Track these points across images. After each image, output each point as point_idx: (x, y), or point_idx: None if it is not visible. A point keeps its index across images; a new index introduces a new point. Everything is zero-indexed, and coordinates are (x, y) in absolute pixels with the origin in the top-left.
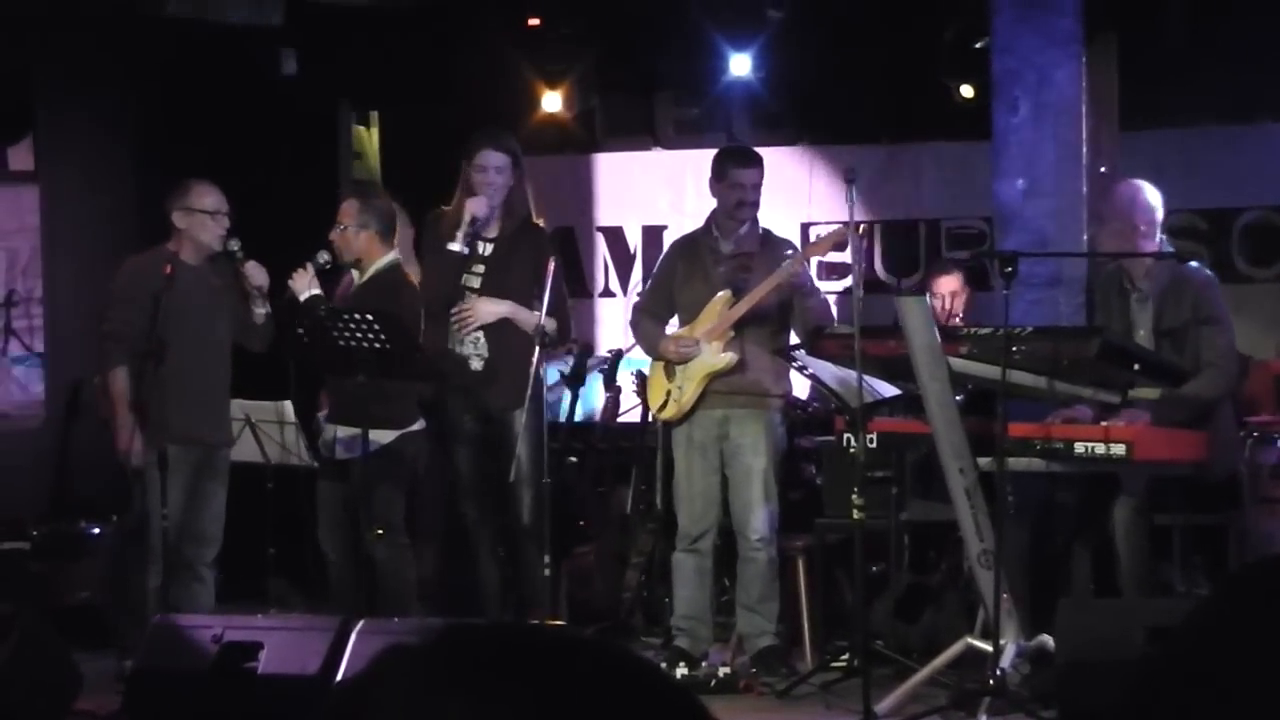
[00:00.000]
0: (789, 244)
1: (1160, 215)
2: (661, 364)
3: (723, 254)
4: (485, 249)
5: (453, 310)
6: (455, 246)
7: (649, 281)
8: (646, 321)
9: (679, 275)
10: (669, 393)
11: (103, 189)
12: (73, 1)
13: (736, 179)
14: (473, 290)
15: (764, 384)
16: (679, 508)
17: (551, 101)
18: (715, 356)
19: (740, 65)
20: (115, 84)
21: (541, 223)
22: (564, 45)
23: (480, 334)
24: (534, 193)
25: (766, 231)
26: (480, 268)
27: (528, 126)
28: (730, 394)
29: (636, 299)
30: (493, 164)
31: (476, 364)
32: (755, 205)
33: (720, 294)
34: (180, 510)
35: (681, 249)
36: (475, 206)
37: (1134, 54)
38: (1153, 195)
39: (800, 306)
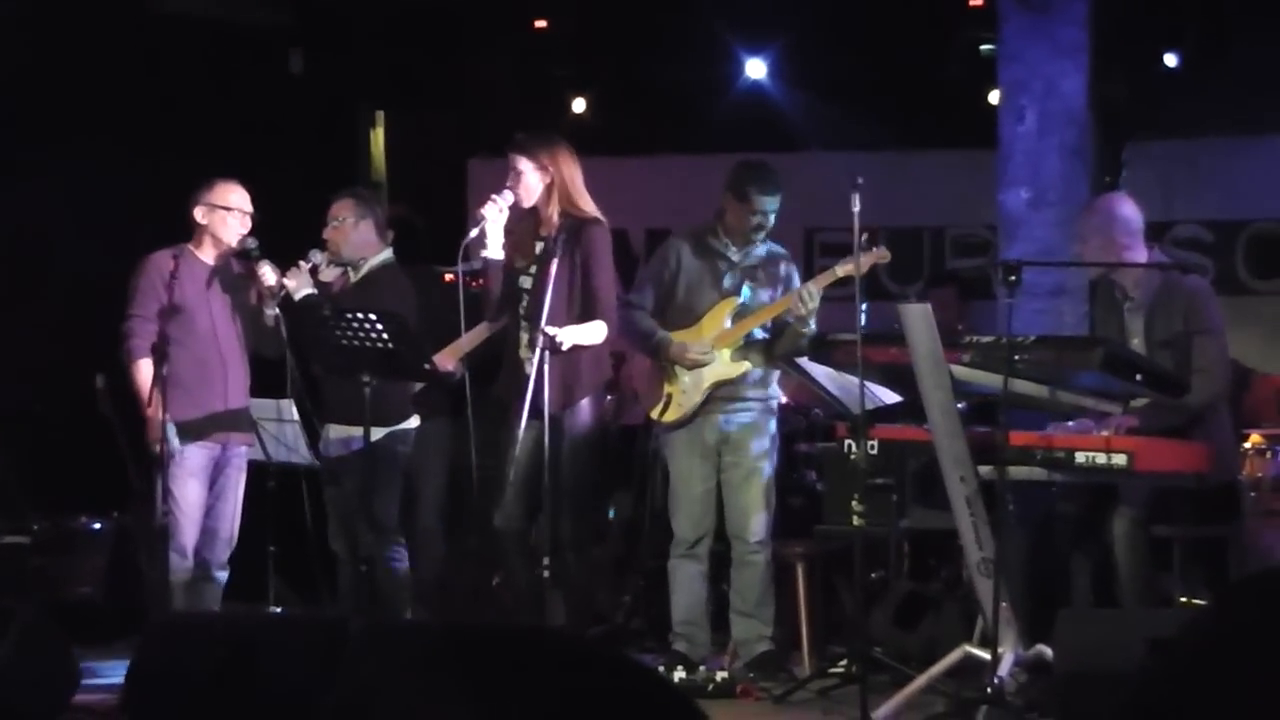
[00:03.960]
0: (789, 259)
1: (1140, 225)
2: (658, 365)
3: (733, 261)
4: (538, 249)
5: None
6: (486, 254)
7: (645, 276)
8: (644, 318)
9: (685, 275)
10: (669, 395)
11: (112, 186)
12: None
13: (759, 205)
14: (526, 291)
15: (758, 391)
16: (675, 513)
17: (560, 104)
18: (729, 364)
19: (756, 69)
20: (123, 82)
21: (595, 219)
22: (571, 48)
23: (528, 336)
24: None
25: (770, 242)
26: (533, 268)
27: (530, 129)
28: (728, 400)
29: (628, 295)
30: (511, 166)
31: (529, 368)
32: (769, 228)
33: (727, 300)
34: (198, 509)
35: (688, 245)
36: (482, 210)
37: (1141, 64)
38: (1130, 208)
39: (791, 332)
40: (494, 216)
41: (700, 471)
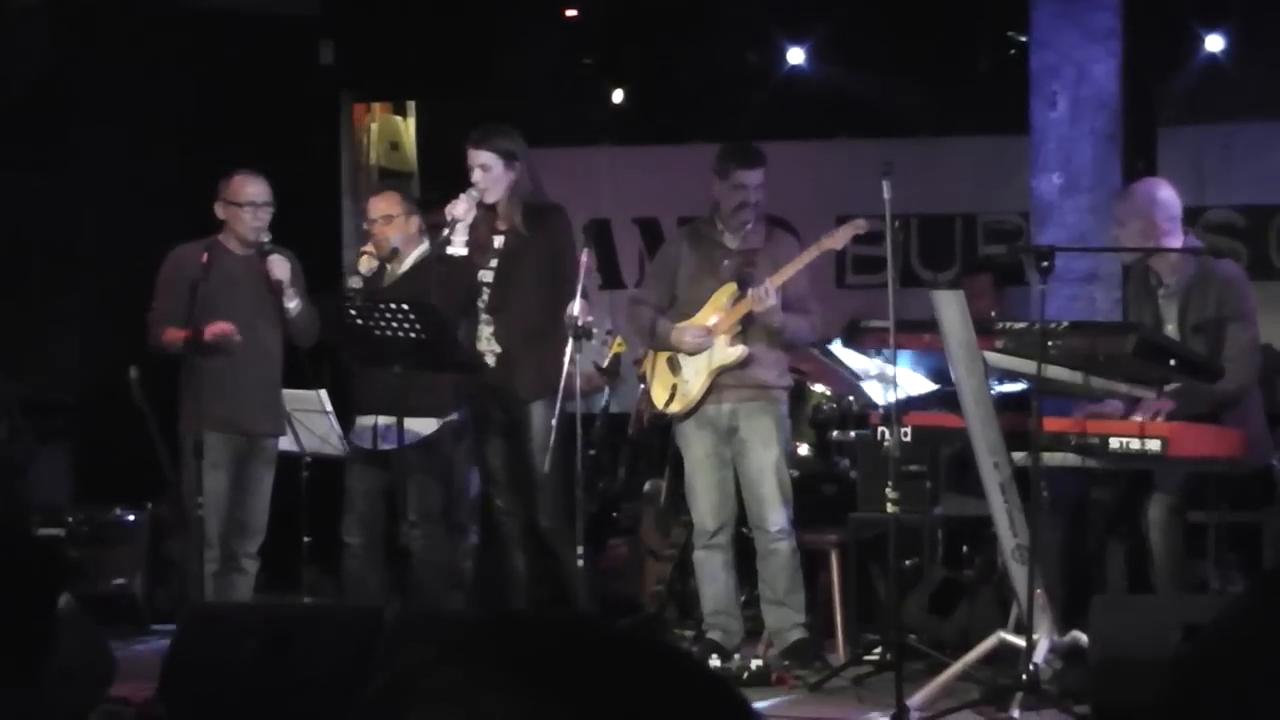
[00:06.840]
0: (792, 239)
1: (1179, 211)
2: (664, 356)
3: (729, 248)
4: (499, 242)
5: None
6: (452, 250)
7: (650, 273)
8: (647, 311)
9: (685, 267)
10: (674, 386)
11: (144, 178)
12: None
13: (739, 179)
14: (487, 285)
15: (769, 377)
16: (693, 505)
17: (591, 93)
18: (725, 350)
19: (789, 56)
20: (154, 75)
21: (556, 205)
22: (603, 37)
23: (491, 330)
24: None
25: (771, 225)
26: (495, 261)
27: (562, 118)
28: (737, 387)
29: (634, 289)
30: (476, 162)
31: (491, 360)
32: (757, 206)
33: (725, 287)
34: (224, 499)
35: (686, 239)
36: (452, 207)
37: (1173, 50)
38: (1169, 192)
39: (759, 327)
40: (464, 214)
41: (711, 461)
